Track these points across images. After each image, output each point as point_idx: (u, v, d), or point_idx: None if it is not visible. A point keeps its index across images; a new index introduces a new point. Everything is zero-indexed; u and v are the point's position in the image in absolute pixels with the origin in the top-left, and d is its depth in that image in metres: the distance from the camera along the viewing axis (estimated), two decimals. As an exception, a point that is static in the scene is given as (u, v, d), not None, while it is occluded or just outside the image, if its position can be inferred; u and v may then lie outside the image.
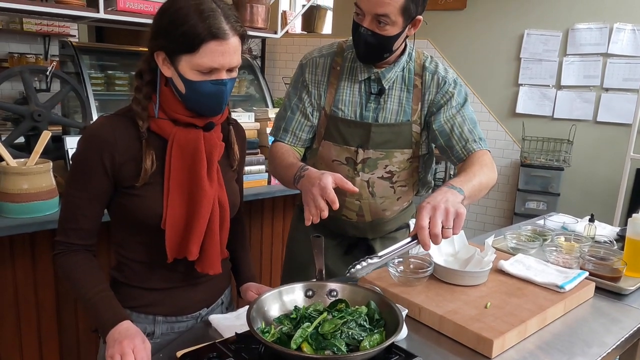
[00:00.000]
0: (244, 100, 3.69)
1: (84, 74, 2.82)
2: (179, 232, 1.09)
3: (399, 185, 1.48)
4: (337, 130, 1.42)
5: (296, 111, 1.45)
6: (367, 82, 1.42)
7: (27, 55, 5.14)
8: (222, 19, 0.99)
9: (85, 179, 1.05)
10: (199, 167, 1.08)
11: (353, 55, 1.42)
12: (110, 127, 1.05)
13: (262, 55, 5.47)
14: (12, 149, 1.89)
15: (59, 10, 2.52)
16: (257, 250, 2.53)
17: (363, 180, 1.43)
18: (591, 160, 4.10)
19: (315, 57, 1.46)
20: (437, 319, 1.09)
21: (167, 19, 1.00)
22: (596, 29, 3.98)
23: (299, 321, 0.95)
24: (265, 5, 3.25)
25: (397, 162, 1.43)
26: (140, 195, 1.07)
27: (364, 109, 1.41)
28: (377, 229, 1.55)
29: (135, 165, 1.06)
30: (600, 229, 1.79)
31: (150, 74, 1.07)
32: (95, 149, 1.03)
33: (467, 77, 4.51)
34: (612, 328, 1.15)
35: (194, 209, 1.08)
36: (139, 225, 1.09)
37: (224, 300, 1.29)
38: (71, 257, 1.07)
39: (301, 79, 1.46)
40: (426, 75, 1.43)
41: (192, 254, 1.09)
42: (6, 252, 1.72)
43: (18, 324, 1.78)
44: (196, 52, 0.98)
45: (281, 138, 1.46)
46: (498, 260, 1.34)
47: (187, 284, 1.17)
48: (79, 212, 1.06)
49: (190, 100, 1.05)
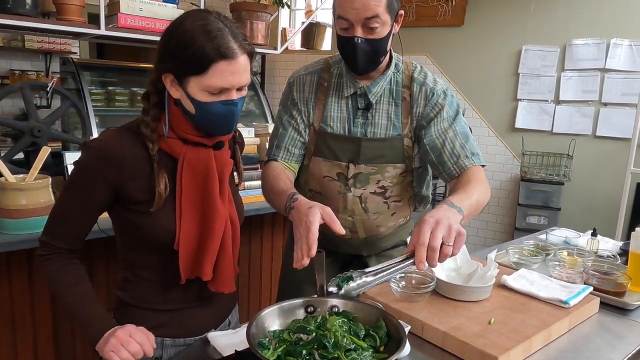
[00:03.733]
0: (244, 116, 3.70)
1: (85, 90, 2.84)
2: (193, 252, 1.07)
3: (393, 201, 1.45)
4: (327, 145, 1.40)
5: (288, 127, 1.43)
6: (353, 98, 1.40)
7: (29, 72, 5.17)
8: (230, 38, 0.97)
9: (84, 188, 1.03)
10: (212, 187, 1.07)
11: (339, 71, 1.41)
12: (119, 142, 1.03)
13: (262, 71, 5.51)
14: (11, 164, 1.89)
15: (60, 27, 2.54)
16: (257, 265, 2.51)
17: (355, 195, 1.40)
18: (591, 175, 4.10)
19: (302, 75, 1.45)
20: (441, 335, 1.07)
21: (175, 42, 0.98)
22: (593, 45, 4.01)
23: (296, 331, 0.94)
24: (265, 21, 3.29)
25: (389, 176, 1.40)
26: (151, 214, 1.04)
27: (352, 125, 1.39)
28: (372, 246, 1.52)
29: (143, 183, 1.03)
30: (603, 243, 1.77)
31: (157, 95, 1.06)
32: (101, 161, 1.01)
33: (466, 92, 4.54)
34: (618, 344, 1.13)
35: (208, 228, 1.07)
36: (151, 244, 1.07)
37: (231, 321, 1.26)
38: (54, 263, 1.05)
39: (290, 97, 1.45)
40: (414, 87, 1.39)
41: (207, 274, 1.08)
42: (3, 269, 1.71)
43: (14, 342, 1.76)
44: (205, 73, 0.96)
45: (274, 155, 1.42)
46: (501, 275, 1.32)
47: (196, 305, 1.15)
48: (71, 219, 1.05)
49: (200, 121, 1.03)
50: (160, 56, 1.01)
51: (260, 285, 2.56)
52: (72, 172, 1.06)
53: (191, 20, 0.98)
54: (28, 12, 2.37)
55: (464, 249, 1.38)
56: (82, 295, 1.05)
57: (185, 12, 1.05)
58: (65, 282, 1.05)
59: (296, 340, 0.94)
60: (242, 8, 3.19)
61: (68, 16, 2.54)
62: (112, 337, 0.97)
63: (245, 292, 2.49)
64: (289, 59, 5.45)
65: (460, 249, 1.04)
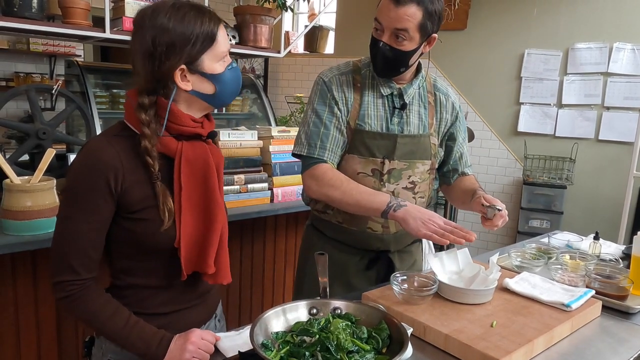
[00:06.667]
0: (247, 119, 3.71)
1: (89, 93, 2.85)
2: (194, 247, 1.07)
3: (419, 197, 1.53)
4: (363, 143, 1.45)
5: (330, 126, 1.44)
6: (390, 98, 1.48)
7: (33, 75, 5.20)
8: (206, 7, 1.05)
9: (91, 208, 0.98)
10: (212, 181, 1.08)
11: (371, 73, 1.48)
12: (113, 150, 0.99)
13: (264, 74, 5.53)
14: (16, 166, 1.90)
15: (66, 31, 2.56)
16: (260, 268, 2.52)
17: (389, 190, 1.46)
18: (594, 179, 4.09)
19: (337, 75, 1.49)
20: (443, 338, 1.07)
21: (175, 34, 0.98)
22: (596, 49, 4.02)
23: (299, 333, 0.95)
24: (268, 25, 3.30)
25: (419, 172, 1.50)
26: (148, 218, 1.02)
27: (389, 123, 1.47)
28: (399, 241, 1.56)
29: (139, 189, 1.01)
30: (606, 246, 1.77)
31: (151, 105, 1.03)
32: (100, 175, 0.97)
33: (469, 96, 4.55)
34: (620, 348, 1.13)
35: (209, 222, 1.08)
36: (148, 248, 1.05)
37: (217, 314, 1.27)
38: (87, 297, 1.00)
39: (330, 95, 1.46)
40: (439, 96, 1.55)
41: (210, 267, 1.08)
42: (7, 270, 1.72)
43: (18, 343, 1.76)
44: (216, 41, 1.03)
45: (319, 155, 1.43)
46: (503, 279, 1.33)
47: (188, 306, 1.15)
48: (89, 245, 0.99)
49: (220, 94, 1.08)
50: (164, 55, 0.99)
51: (263, 287, 2.56)
52: (71, 196, 1.00)
53: (164, 10, 1.01)
54: (34, 15, 2.38)
55: (466, 251, 1.39)
56: (126, 320, 1.02)
57: (142, 11, 1.03)
58: (108, 313, 1.01)
59: (299, 342, 0.94)
60: (245, 11, 3.20)
61: (74, 19, 2.56)
62: (183, 353, 1.00)
63: (247, 294, 2.49)
64: (291, 62, 5.47)
65: (463, 252, 1.08)
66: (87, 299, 1.00)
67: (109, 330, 1.01)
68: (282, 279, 2.63)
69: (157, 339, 1.02)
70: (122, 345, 1.03)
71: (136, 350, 1.01)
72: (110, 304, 1.02)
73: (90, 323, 1.02)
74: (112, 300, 1.03)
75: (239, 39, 3.23)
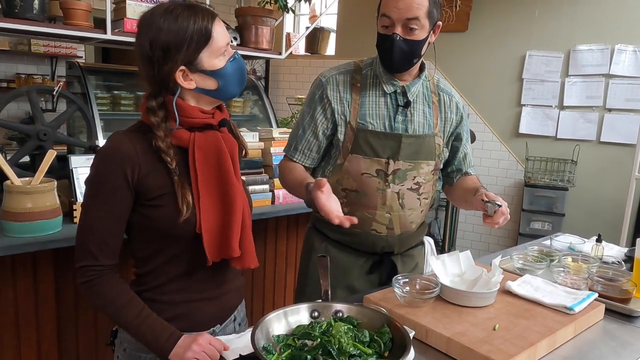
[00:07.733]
0: (248, 120, 3.71)
1: (90, 94, 2.84)
2: (217, 232, 1.09)
3: (424, 198, 1.52)
4: (367, 142, 1.44)
5: (307, 130, 1.50)
6: (393, 96, 1.47)
7: (34, 76, 5.20)
8: (199, 5, 1.06)
9: (109, 197, 1.03)
10: (226, 165, 1.10)
11: (373, 73, 1.48)
12: (130, 142, 1.05)
13: (266, 75, 5.53)
14: (17, 167, 1.90)
15: (67, 32, 2.55)
16: (261, 269, 2.51)
17: (394, 191, 1.45)
18: (596, 181, 4.09)
19: (335, 75, 1.50)
20: (445, 341, 1.07)
21: (170, 36, 1.02)
22: (597, 50, 4.01)
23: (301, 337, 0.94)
24: (269, 27, 3.30)
25: (423, 173, 1.48)
26: (166, 205, 1.06)
27: (392, 121, 1.45)
28: (403, 243, 1.55)
29: (156, 177, 1.06)
30: (608, 249, 1.77)
31: (159, 107, 1.07)
32: (117, 165, 1.02)
33: (470, 97, 4.54)
34: (623, 352, 1.12)
35: (229, 206, 1.10)
36: (170, 235, 1.08)
37: (236, 317, 1.27)
38: (106, 284, 1.04)
39: (319, 96, 1.48)
40: (443, 96, 1.54)
41: (235, 250, 1.10)
42: (8, 271, 1.71)
43: (18, 344, 1.76)
44: (212, 38, 1.04)
45: (291, 155, 1.53)
46: (505, 281, 1.32)
47: (205, 297, 1.16)
48: (107, 233, 1.04)
49: (224, 88, 1.09)
50: (163, 58, 1.03)
51: (264, 290, 2.56)
52: (91, 186, 1.06)
53: (159, 13, 1.03)
54: (35, 16, 2.38)
55: (468, 254, 1.39)
56: (140, 311, 1.05)
57: (142, 15, 1.06)
58: (123, 301, 1.05)
59: (301, 345, 0.94)
60: (247, 13, 3.20)
61: (75, 21, 2.55)
62: (188, 352, 1.01)
63: (248, 297, 2.49)
64: (292, 64, 5.47)
65: (465, 254, 1.07)
66: (105, 285, 1.04)
67: (122, 319, 1.05)
68: (283, 281, 2.62)
69: (167, 334, 1.04)
70: (132, 334, 1.06)
71: (145, 340, 1.04)
72: (127, 293, 1.06)
73: (105, 309, 1.06)
74: (129, 290, 1.07)
75: (240, 41, 3.23)
